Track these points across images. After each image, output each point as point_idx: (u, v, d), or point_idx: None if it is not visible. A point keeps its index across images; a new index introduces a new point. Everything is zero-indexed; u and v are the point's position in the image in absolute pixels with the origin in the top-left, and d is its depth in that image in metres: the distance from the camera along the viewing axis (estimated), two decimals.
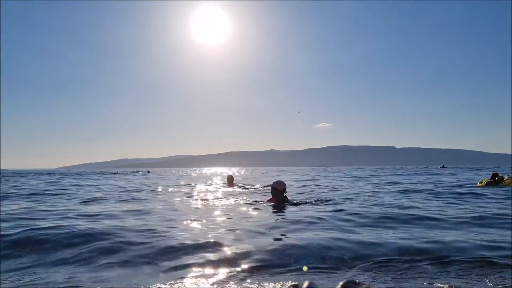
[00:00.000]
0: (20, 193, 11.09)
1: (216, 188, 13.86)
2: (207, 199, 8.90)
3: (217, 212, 6.33)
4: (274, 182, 7.09)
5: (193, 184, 16.99)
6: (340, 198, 8.45)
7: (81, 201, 8.68)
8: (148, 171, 58.31)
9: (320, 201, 7.62)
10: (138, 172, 56.39)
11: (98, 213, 6.16)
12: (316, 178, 22.38)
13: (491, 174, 14.49)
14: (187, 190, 12.86)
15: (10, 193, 11.25)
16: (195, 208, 7.13)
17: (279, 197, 6.93)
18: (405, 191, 10.64)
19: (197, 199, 8.96)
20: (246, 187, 14.03)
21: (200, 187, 14.61)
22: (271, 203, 7.00)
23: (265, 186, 14.04)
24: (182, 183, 17.78)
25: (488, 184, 13.62)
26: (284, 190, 6.99)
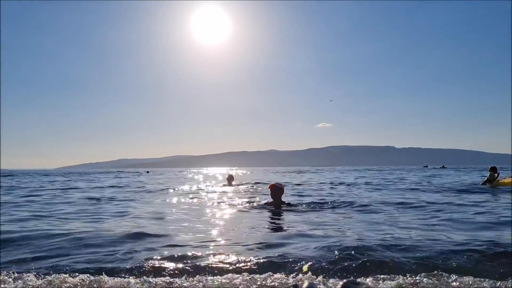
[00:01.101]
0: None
1: (215, 187, 13.84)
2: (202, 199, 8.84)
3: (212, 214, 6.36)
4: (272, 184, 6.95)
5: (191, 183, 16.97)
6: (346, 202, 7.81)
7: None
8: (148, 172, 57.98)
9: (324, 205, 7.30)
10: (147, 172, 56.48)
11: None
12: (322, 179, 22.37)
13: (489, 168, 13.50)
14: (182, 189, 12.86)
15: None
16: (186, 209, 7.15)
17: (278, 198, 6.81)
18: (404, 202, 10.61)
19: (191, 200, 8.87)
20: (246, 186, 14.05)
21: (198, 186, 14.54)
22: (269, 206, 6.83)
23: (256, 183, 14.03)
24: (180, 183, 17.76)
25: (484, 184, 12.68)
26: (282, 190, 6.87)
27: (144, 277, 2.72)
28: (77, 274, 2.73)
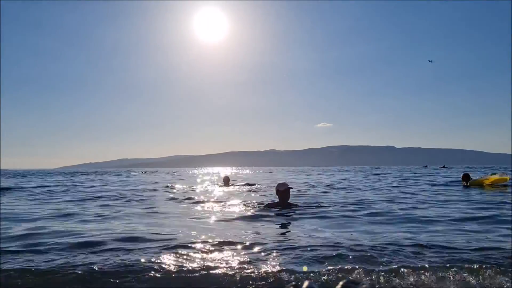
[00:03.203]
0: None
1: (211, 188, 13.64)
2: (197, 201, 8.69)
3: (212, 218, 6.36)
4: (283, 187, 6.54)
5: (187, 184, 16.84)
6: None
7: None
8: (141, 172, 56.76)
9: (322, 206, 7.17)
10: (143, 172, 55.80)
11: None
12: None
13: (462, 175, 13.56)
14: (177, 190, 12.76)
15: None
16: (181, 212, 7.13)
17: (286, 199, 6.58)
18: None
19: (187, 201, 8.77)
20: (244, 187, 13.79)
21: (194, 187, 14.33)
22: (275, 207, 6.57)
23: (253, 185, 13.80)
24: (176, 183, 17.65)
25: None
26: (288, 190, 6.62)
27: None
28: None
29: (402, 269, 2.86)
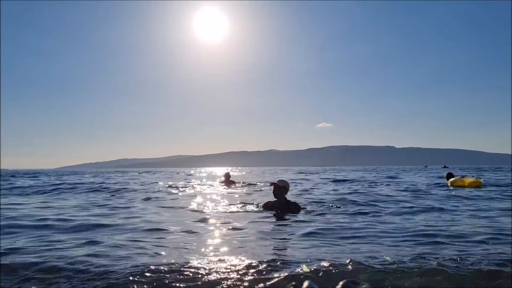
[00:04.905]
0: None
1: (211, 187, 13.58)
2: (200, 200, 8.68)
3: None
4: (278, 181, 6.26)
5: (188, 183, 16.79)
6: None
7: None
8: (139, 172, 55.76)
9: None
10: (139, 173, 55.20)
11: None
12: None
13: (446, 174, 12.90)
14: (177, 189, 12.65)
15: None
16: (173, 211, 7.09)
17: (282, 197, 6.28)
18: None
19: (184, 201, 8.72)
20: (244, 185, 13.74)
21: (195, 186, 14.24)
22: (271, 206, 6.31)
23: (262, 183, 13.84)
24: (175, 182, 17.60)
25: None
26: (287, 189, 6.28)
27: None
28: None
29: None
